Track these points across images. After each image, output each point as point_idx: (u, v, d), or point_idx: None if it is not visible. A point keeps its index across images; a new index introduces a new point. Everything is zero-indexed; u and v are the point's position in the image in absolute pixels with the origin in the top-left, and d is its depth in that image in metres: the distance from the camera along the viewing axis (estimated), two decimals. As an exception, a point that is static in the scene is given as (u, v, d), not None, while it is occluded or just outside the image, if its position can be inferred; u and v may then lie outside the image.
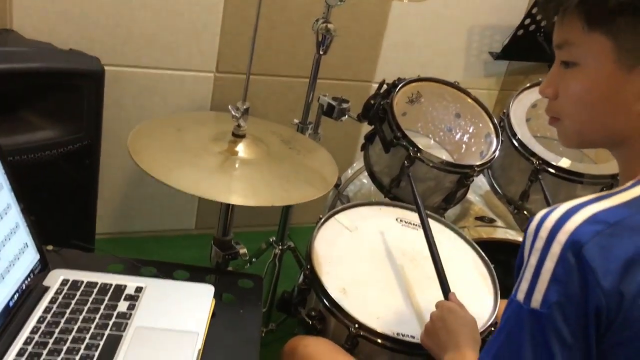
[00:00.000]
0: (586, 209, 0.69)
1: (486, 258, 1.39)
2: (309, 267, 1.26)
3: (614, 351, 0.68)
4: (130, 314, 0.96)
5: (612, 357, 0.69)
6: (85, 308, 0.96)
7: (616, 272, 0.66)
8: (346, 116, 1.73)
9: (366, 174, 1.76)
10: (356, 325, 1.14)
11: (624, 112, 0.75)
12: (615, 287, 0.66)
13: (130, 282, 1.03)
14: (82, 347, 0.88)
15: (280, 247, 1.87)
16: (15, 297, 0.93)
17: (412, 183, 1.50)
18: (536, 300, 0.69)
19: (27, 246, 0.98)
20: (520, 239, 1.64)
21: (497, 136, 1.68)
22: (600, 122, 0.77)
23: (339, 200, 1.92)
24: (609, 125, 0.77)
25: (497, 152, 1.63)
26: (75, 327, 0.92)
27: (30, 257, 0.99)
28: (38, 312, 0.94)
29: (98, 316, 0.95)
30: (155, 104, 2.05)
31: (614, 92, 0.74)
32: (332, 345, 1.15)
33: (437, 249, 1.23)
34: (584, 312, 0.67)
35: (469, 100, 1.75)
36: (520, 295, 0.71)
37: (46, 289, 0.99)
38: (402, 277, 1.30)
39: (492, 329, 1.21)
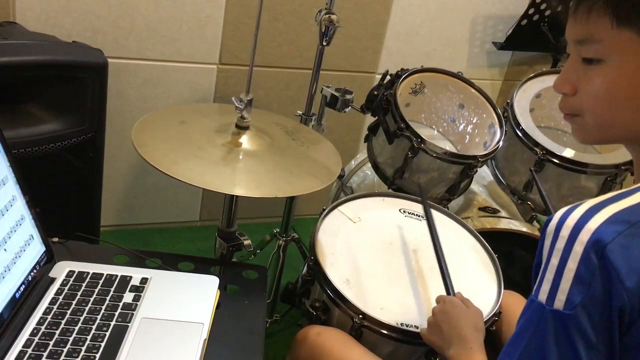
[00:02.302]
0: (607, 208, 0.68)
1: (489, 248, 1.40)
2: (312, 258, 1.27)
3: (633, 352, 0.68)
4: (136, 305, 0.97)
5: (630, 358, 0.68)
6: (91, 299, 0.97)
7: (639, 272, 0.65)
8: (349, 107, 1.73)
9: (370, 165, 1.76)
10: (360, 316, 1.15)
11: None
12: (638, 287, 0.65)
13: (136, 274, 1.04)
14: (89, 338, 0.89)
15: (284, 238, 1.87)
16: (22, 288, 0.93)
17: (420, 184, 1.50)
18: (560, 301, 0.68)
19: (33, 238, 0.98)
20: (525, 229, 1.65)
21: (501, 127, 1.67)
22: (624, 119, 0.76)
23: (342, 191, 1.93)
24: (632, 123, 0.76)
25: (500, 143, 1.63)
26: (82, 318, 0.93)
27: (36, 249, 0.99)
28: (44, 303, 0.95)
29: (104, 307, 0.95)
30: (158, 96, 2.06)
31: None
32: (343, 334, 1.16)
33: (441, 250, 1.23)
34: (608, 313, 0.66)
35: (473, 90, 1.74)
36: (543, 296, 0.70)
37: (52, 280, 1.00)
38: (406, 267, 1.31)
39: (496, 319, 1.22)
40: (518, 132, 1.69)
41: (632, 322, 0.66)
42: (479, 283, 1.31)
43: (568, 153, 1.64)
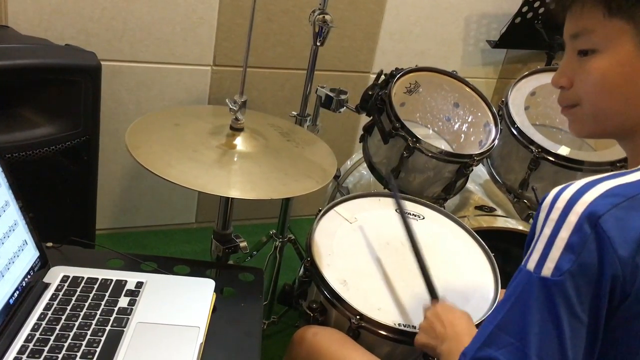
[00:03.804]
0: (603, 183, 0.70)
1: (486, 247, 1.39)
2: (309, 259, 1.26)
3: (626, 325, 0.68)
4: (131, 310, 0.96)
5: (623, 331, 0.69)
6: (86, 304, 0.96)
7: (633, 243, 0.66)
8: (344, 107, 1.72)
9: (365, 165, 1.75)
10: (357, 317, 1.15)
11: None
12: (632, 258, 0.66)
13: (131, 278, 1.03)
14: (84, 343, 0.88)
15: (280, 239, 1.87)
16: (16, 294, 0.93)
17: (394, 186, 1.49)
18: (548, 269, 0.69)
19: (27, 243, 0.98)
20: (521, 227, 1.65)
21: (496, 125, 1.67)
22: (619, 107, 0.78)
23: (338, 191, 1.92)
24: (627, 112, 0.77)
25: (496, 141, 1.63)
26: (76, 324, 0.92)
27: (30, 255, 0.98)
28: (39, 309, 0.94)
29: (99, 312, 0.95)
30: (152, 98, 2.05)
31: (634, 77, 0.75)
32: (340, 334, 1.16)
33: (422, 256, 1.19)
34: (598, 284, 0.67)
35: (467, 89, 1.74)
36: (531, 265, 0.71)
37: (46, 285, 0.99)
38: (403, 267, 1.30)
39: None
40: (513, 130, 1.69)
41: (626, 294, 0.67)
42: (476, 282, 1.30)
43: (563, 151, 1.64)
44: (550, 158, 1.63)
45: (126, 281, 1.02)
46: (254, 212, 2.40)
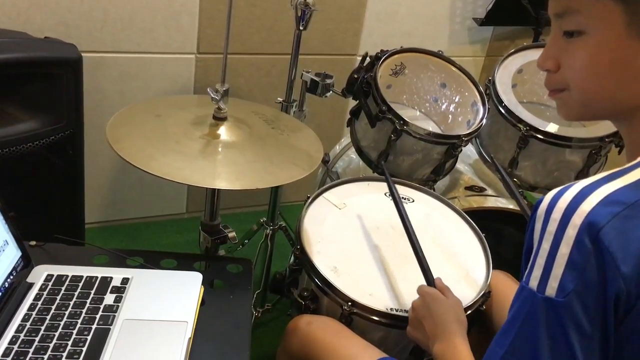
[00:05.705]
0: (600, 189, 0.66)
1: (477, 228, 1.39)
2: (299, 247, 1.26)
3: (631, 338, 0.66)
4: (117, 307, 0.95)
5: (628, 344, 0.67)
6: (71, 303, 0.95)
7: (636, 255, 0.63)
8: (330, 92, 1.70)
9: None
10: (349, 303, 1.14)
11: (634, 81, 0.71)
12: (635, 272, 0.63)
13: (116, 274, 1.02)
14: (70, 343, 0.87)
15: (271, 227, 1.85)
16: (-1, 296, 0.91)
17: (387, 174, 1.47)
18: (552, 288, 0.66)
19: (8, 243, 0.96)
20: (512, 206, 1.64)
21: (484, 104, 1.65)
22: (609, 92, 0.73)
23: (328, 177, 1.91)
24: (617, 96, 0.73)
25: (484, 121, 1.61)
26: (62, 323, 0.91)
27: (12, 255, 0.97)
28: (23, 309, 0.93)
29: (84, 310, 0.94)
30: (137, 89, 2.02)
31: (624, 60, 0.70)
32: (334, 322, 1.15)
33: (415, 236, 1.18)
34: (603, 300, 0.64)
35: (454, 69, 1.72)
36: (534, 283, 0.67)
37: (30, 285, 0.98)
38: (394, 252, 1.30)
39: (485, 298, 1.21)
40: (501, 109, 1.67)
41: (629, 308, 0.64)
42: (468, 263, 1.30)
43: (552, 128, 1.62)
44: (539, 136, 1.61)
45: (112, 278, 1.01)
46: (244, 200, 2.39)
